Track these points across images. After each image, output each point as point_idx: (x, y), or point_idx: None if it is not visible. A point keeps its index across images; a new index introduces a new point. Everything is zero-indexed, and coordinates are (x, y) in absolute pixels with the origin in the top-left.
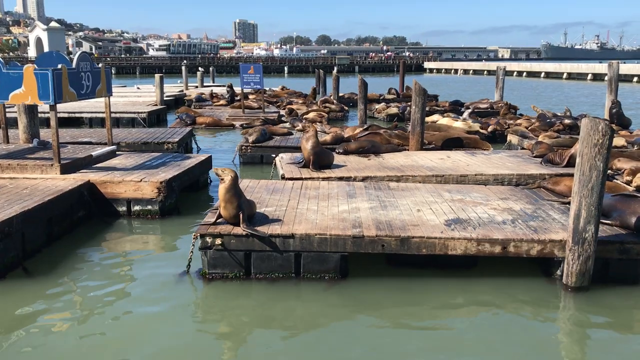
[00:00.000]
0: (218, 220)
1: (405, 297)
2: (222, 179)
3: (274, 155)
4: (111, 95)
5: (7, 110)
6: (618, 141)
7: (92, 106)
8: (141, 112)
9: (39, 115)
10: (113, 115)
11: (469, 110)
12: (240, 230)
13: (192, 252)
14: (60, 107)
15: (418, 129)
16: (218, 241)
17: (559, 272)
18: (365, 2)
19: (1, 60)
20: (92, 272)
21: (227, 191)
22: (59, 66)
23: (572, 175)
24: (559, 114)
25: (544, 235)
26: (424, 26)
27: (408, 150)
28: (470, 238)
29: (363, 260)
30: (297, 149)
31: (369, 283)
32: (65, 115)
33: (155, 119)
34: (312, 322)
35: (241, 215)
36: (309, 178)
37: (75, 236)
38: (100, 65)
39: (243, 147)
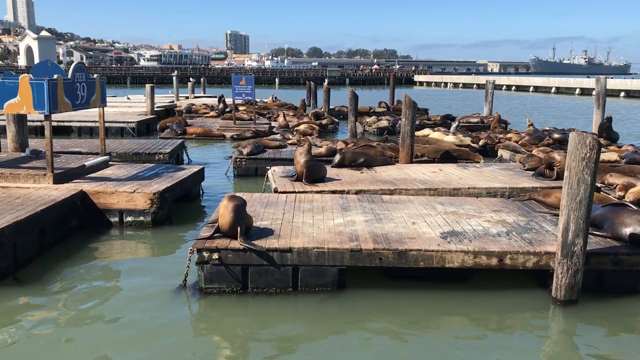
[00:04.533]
0: (215, 235)
1: (402, 309)
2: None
3: (268, 168)
4: (105, 105)
5: None
6: (611, 156)
7: (81, 115)
8: (130, 122)
9: (28, 123)
10: None
11: (456, 124)
12: (237, 244)
13: (188, 266)
14: None
15: (408, 142)
16: (215, 256)
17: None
18: (357, 15)
19: None
20: (84, 284)
21: (229, 206)
22: (55, 76)
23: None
24: (548, 128)
25: (539, 248)
26: (416, 39)
27: (399, 162)
28: (466, 251)
29: (359, 273)
30: (291, 161)
31: (366, 296)
32: (54, 124)
33: (145, 129)
34: (310, 336)
35: (239, 229)
36: (302, 192)
37: (67, 246)
38: (95, 75)
39: (237, 160)
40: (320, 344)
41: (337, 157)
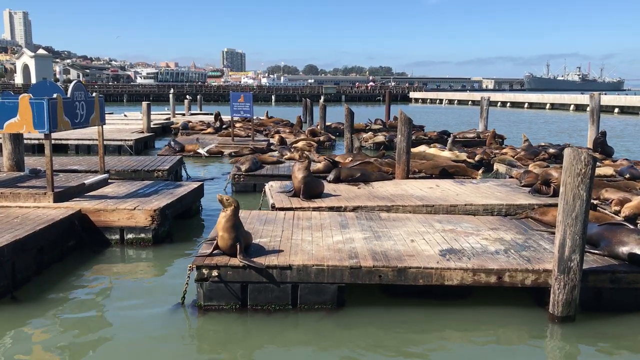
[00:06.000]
0: (214, 252)
1: (402, 327)
2: (224, 208)
3: (266, 184)
4: (104, 124)
5: None
6: (607, 170)
7: (78, 132)
8: (128, 140)
9: (25, 141)
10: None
11: (451, 139)
12: (237, 261)
13: (187, 283)
14: None
15: (404, 158)
16: (214, 273)
17: None
18: (353, 33)
19: None
20: (82, 302)
21: (227, 221)
22: (54, 95)
23: None
24: (543, 144)
25: (537, 265)
26: (411, 57)
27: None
28: (465, 268)
29: (358, 291)
30: (289, 177)
31: (365, 313)
32: (52, 142)
33: (143, 146)
34: (309, 354)
35: (238, 247)
36: (300, 208)
37: (66, 265)
38: (94, 94)
39: (236, 176)
40: None
41: (333, 173)
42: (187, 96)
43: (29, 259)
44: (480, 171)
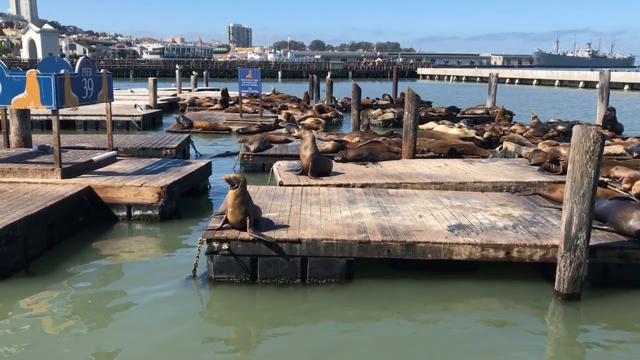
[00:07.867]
0: (224, 225)
1: (408, 299)
2: (233, 185)
3: (274, 164)
4: (112, 100)
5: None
6: (617, 149)
7: (86, 109)
8: (136, 116)
9: (33, 118)
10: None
11: (465, 120)
12: (246, 235)
13: (197, 257)
14: None
15: (411, 135)
16: (225, 246)
17: None
18: (360, 8)
19: (4, 65)
20: (94, 276)
21: (236, 197)
22: (62, 71)
23: None
24: (552, 120)
25: (545, 241)
26: (419, 32)
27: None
28: (474, 243)
29: (366, 264)
30: (297, 156)
31: (374, 286)
32: (60, 118)
33: (150, 122)
34: (318, 326)
35: (248, 221)
36: (308, 185)
37: (76, 241)
38: (102, 70)
39: (244, 156)
40: (328, 333)
41: (340, 155)
42: (194, 72)
43: (41, 235)
44: (498, 149)
